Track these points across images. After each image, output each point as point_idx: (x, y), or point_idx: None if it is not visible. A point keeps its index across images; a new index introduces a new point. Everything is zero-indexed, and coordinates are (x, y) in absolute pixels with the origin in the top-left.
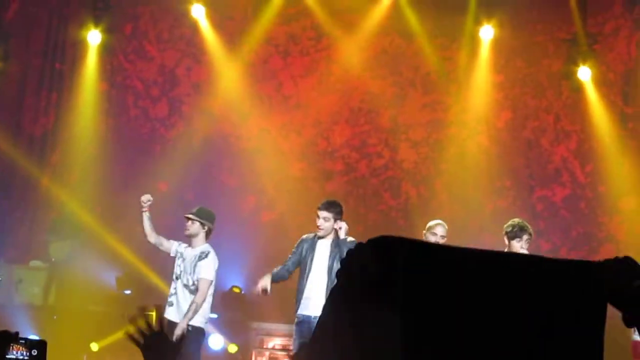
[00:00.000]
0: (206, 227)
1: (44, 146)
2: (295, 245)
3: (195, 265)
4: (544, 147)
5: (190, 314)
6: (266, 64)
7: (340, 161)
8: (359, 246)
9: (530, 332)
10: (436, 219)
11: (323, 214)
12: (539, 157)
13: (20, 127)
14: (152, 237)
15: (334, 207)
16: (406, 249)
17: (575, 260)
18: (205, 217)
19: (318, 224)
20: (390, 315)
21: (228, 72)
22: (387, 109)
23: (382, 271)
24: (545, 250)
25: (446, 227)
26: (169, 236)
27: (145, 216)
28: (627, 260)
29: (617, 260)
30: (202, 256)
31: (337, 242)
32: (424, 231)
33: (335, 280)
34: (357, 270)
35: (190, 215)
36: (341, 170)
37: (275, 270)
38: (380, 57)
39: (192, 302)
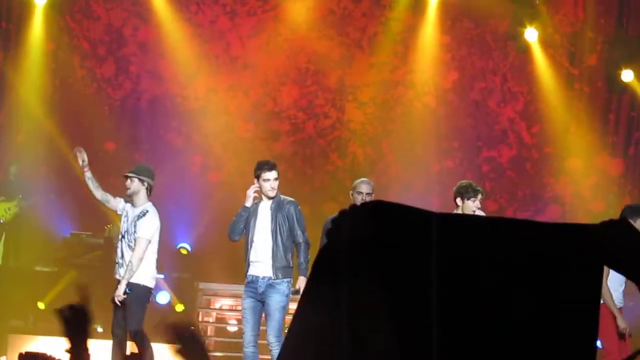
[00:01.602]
0: (146, 184)
1: None
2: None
3: (135, 225)
4: (490, 108)
5: (127, 274)
6: (214, 24)
7: (287, 122)
8: (357, 213)
9: (538, 295)
10: (383, 179)
11: (274, 174)
12: (486, 118)
13: None
14: (97, 194)
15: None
16: (438, 220)
17: (574, 225)
18: (144, 173)
19: (273, 186)
20: (422, 288)
21: (175, 32)
22: (334, 69)
23: (409, 242)
24: (492, 211)
25: (372, 184)
26: (117, 194)
27: (87, 176)
28: (623, 222)
29: (612, 223)
30: (141, 215)
31: (278, 203)
32: (350, 191)
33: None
34: (363, 238)
35: (128, 174)
36: (288, 130)
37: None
38: (327, 17)
39: (129, 262)
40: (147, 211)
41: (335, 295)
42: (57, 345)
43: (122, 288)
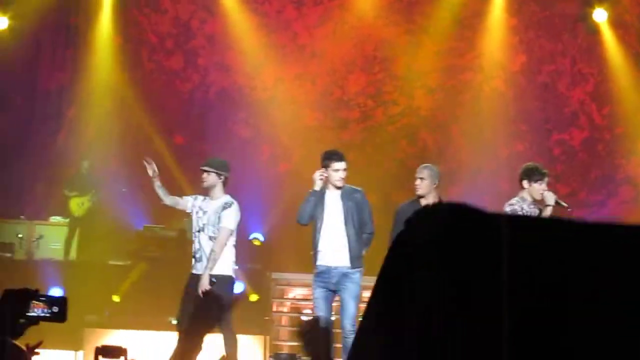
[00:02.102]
0: (222, 177)
1: (60, 101)
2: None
3: (220, 216)
4: (560, 90)
5: (210, 263)
6: (280, 14)
7: (356, 109)
8: (433, 214)
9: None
10: (453, 164)
11: (344, 164)
12: (555, 101)
13: (35, 82)
14: (167, 200)
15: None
16: (511, 225)
17: None
18: (220, 166)
19: (342, 177)
20: (492, 300)
21: (242, 24)
22: (402, 56)
23: (480, 248)
24: (564, 194)
25: (432, 169)
26: (187, 186)
27: (157, 185)
28: None
29: None
30: (226, 206)
31: (346, 192)
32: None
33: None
34: (434, 241)
35: (205, 168)
36: (357, 118)
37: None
38: (393, 4)
39: (211, 252)
40: (231, 203)
41: (403, 298)
42: (132, 338)
43: (206, 279)
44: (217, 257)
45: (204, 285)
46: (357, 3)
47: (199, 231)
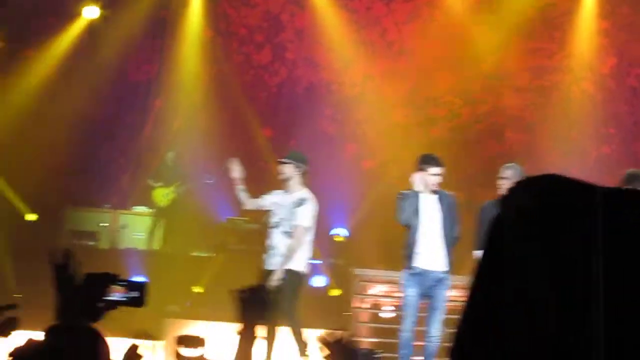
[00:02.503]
0: (300, 170)
1: (148, 92)
2: (397, 201)
3: (294, 212)
4: None
5: (285, 260)
6: (369, 10)
7: (443, 108)
8: (527, 184)
9: None
10: (540, 165)
11: (440, 170)
12: None
13: (124, 74)
14: (248, 204)
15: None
16: (604, 194)
17: None
18: (298, 159)
19: (438, 182)
20: (587, 266)
21: (331, 19)
22: (491, 55)
23: (574, 216)
24: None
25: (518, 169)
26: (272, 180)
27: (240, 189)
28: None
29: None
30: (301, 202)
31: (444, 194)
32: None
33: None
34: (528, 210)
35: (283, 159)
36: (444, 116)
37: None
38: (483, 3)
39: (287, 249)
40: (307, 199)
41: (501, 269)
42: (212, 330)
43: (278, 275)
44: (292, 255)
45: (275, 280)
46: (447, 1)
47: (274, 227)
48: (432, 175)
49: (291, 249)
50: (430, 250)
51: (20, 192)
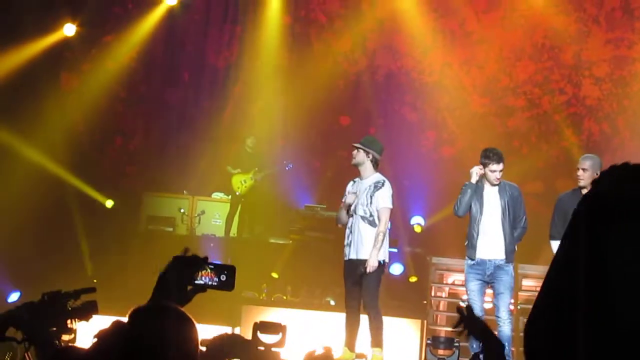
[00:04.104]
0: (370, 155)
1: (226, 78)
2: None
3: (371, 196)
4: None
5: (378, 244)
6: None
7: (522, 97)
8: (627, 170)
9: None
10: (618, 155)
11: (501, 166)
12: None
13: (203, 59)
14: (343, 220)
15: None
16: None
17: None
18: (371, 145)
19: (498, 177)
20: None
21: (411, 7)
22: (571, 45)
23: None
24: None
25: (595, 159)
26: (351, 169)
27: (344, 209)
28: None
29: None
30: (379, 185)
31: (506, 185)
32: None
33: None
34: (622, 198)
35: (355, 144)
36: (523, 106)
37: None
38: None
39: (378, 233)
40: (383, 181)
41: (592, 247)
42: (289, 316)
43: (374, 260)
44: (383, 238)
45: (373, 265)
46: None
47: (352, 215)
48: (492, 172)
49: (381, 233)
50: (489, 241)
51: (98, 178)
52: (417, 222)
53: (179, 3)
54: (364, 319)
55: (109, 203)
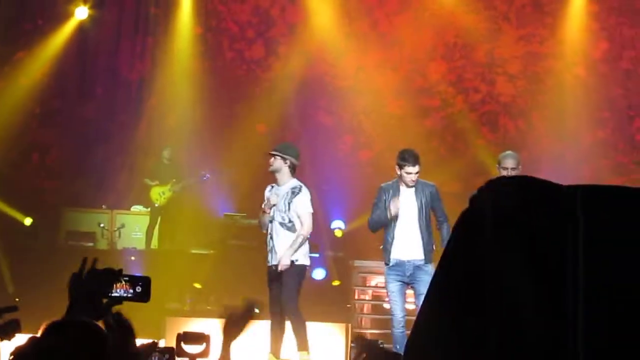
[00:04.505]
0: (288, 161)
1: (140, 91)
2: (377, 196)
3: (289, 202)
4: None
5: (295, 245)
6: (361, 2)
7: (437, 97)
8: (503, 184)
9: None
10: (535, 151)
11: (416, 168)
12: (637, 87)
13: (116, 72)
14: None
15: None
16: (582, 193)
17: None
18: (287, 151)
19: (413, 180)
20: (567, 270)
21: (323, 12)
22: (483, 43)
23: (552, 220)
24: None
25: (517, 157)
26: (269, 175)
27: (267, 218)
28: None
29: None
30: (296, 191)
31: (422, 185)
32: (497, 165)
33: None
34: (505, 212)
35: (271, 152)
36: (438, 106)
37: (375, 214)
38: None
39: (298, 235)
40: (300, 187)
41: (474, 261)
42: (213, 327)
43: (286, 259)
44: (303, 242)
45: (285, 263)
46: None
47: (271, 221)
48: (407, 174)
49: (302, 236)
50: (407, 242)
51: (15, 196)
52: (338, 226)
53: (89, 17)
54: (289, 324)
55: (28, 221)
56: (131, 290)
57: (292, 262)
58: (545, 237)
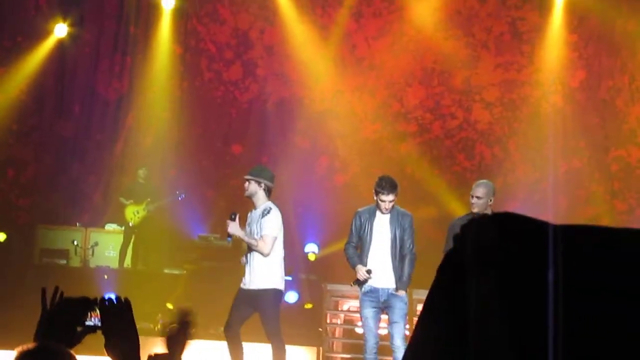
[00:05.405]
0: (262, 185)
1: (118, 110)
2: (353, 220)
3: (260, 223)
4: (619, 107)
5: (249, 240)
6: (339, 26)
7: (414, 122)
8: (484, 223)
9: None
10: (510, 178)
11: (391, 197)
12: (614, 118)
13: (94, 91)
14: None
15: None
16: (563, 235)
17: None
18: (261, 174)
19: (387, 207)
20: (546, 314)
21: (301, 35)
22: (461, 69)
23: (535, 261)
24: (621, 210)
25: (489, 186)
26: (243, 197)
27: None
28: None
29: None
30: (265, 213)
31: (398, 214)
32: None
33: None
34: (487, 250)
35: (246, 176)
36: (415, 131)
37: (351, 252)
38: (453, 17)
39: (256, 240)
40: (270, 209)
41: (456, 305)
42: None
43: (238, 231)
44: (257, 248)
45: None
46: (417, 16)
47: (248, 247)
48: (382, 202)
49: (258, 244)
50: (379, 269)
51: None
52: (311, 250)
53: (69, 35)
54: (249, 346)
55: (1, 236)
56: None
57: (267, 290)
58: (525, 283)
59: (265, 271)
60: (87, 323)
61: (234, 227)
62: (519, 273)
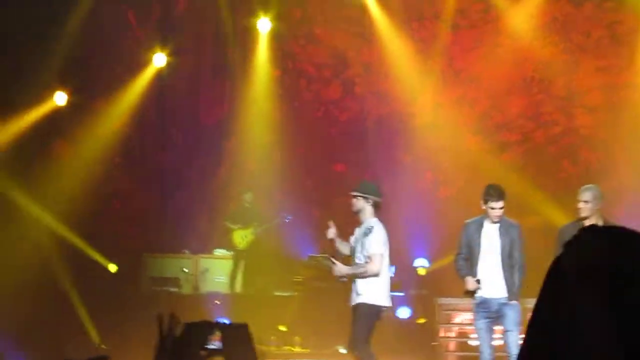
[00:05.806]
0: (370, 201)
1: (219, 135)
2: (462, 232)
3: (363, 243)
4: None
5: (357, 270)
6: (436, 39)
7: (516, 131)
8: (591, 237)
9: None
10: (614, 183)
11: (500, 203)
12: None
13: (195, 118)
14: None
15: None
16: None
17: None
18: (368, 190)
19: (498, 214)
20: None
21: (398, 50)
22: (560, 76)
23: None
24: None
25: (593, 190)
26: (348, 214)
27: (338, 244)
28: None
29: None
30: (367, 232)
31: (507, 224)
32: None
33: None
34: (592, 264)
35: (353, 193)
36: (517, 140)
37: (461, 263)
38: (550, 24)
39: (363, 266)
40: (372, 227)
41: (562, 319)
42: None
43: (342, 269)
44: (364, 274)
45: (336, 270)
46: (513, 25)
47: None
48: (492, 209)
49: (364, 269)
50: (490, 279)
51: (98, 244)
52: (421, 264)
53: (167, 64)
54: None
55: (112, 267)
56: None
57: (365, 304)
58: (636, 296)
59: (365, 287)
60: (210, 347)
61: (340, 269)
62: (629, 286)
